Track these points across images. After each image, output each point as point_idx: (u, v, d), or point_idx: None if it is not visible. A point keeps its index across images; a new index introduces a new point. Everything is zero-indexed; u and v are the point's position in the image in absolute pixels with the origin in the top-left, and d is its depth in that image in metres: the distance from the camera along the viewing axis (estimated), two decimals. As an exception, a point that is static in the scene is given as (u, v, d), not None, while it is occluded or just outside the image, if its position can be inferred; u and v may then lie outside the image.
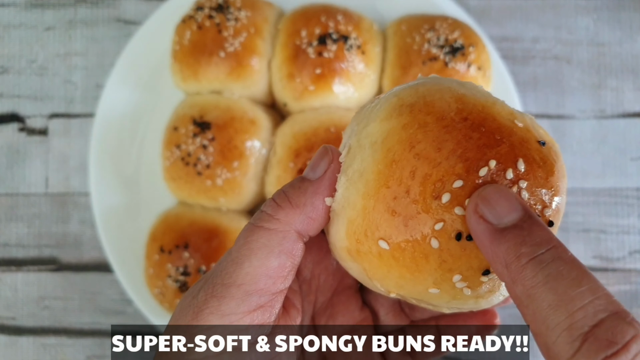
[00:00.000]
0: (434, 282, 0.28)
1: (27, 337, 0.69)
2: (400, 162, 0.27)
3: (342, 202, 0.29)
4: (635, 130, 0.72)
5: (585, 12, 0.73)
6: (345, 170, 0.29)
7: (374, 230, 0.27)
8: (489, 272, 0.27)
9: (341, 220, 0.29)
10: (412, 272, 0.27)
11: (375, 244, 0.27)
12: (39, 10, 0.73)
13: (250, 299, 0.28)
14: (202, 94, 0.62)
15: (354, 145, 0.29)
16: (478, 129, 0.27)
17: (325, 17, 0.60)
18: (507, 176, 0.26)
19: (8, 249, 0.70)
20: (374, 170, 0.27)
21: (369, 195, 0.27)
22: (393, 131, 0.27)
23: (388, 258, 0.27)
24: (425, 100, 0.28)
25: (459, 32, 0.60)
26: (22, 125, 0.72)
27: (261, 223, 0.30)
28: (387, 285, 0.29)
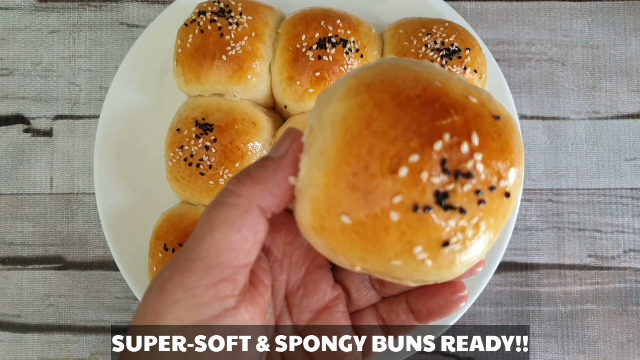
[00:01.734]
0: (395, 254, 0.28)
1: (32, 334, 0.70)
2: (359, 140, 0.27)
3: (306, 181, 0.29)
4: (629, 131, 0.73)
5: (580, 15, 0.74)
6: (308, 150, 0.30)
7: (335, 206, 0.28)
8: (448, 243, 0.28)
9: (305, 198, 0.29)
10: (373, 244, 0.28)
11: (337, 219, 0.28)
12: (43, 14, 0.75)
13: (213, 272, 0.29)
14: (204, 96, 0.63)
15: (315, 125, 0.30)
16: (432, 105, 0.28)
17: (325, 22, 0.61)
18: (462, 149, 0.28)
19: (14, 248, 0.71)
20: (334, 148, 0.28)
21: (330, 173, 0.28)
22: (351, 110, 0.28)
23: (350, 232, 0.28)
24: (381, 79, 0.29)
25: (455, 35, 0.61)
26: (27, 127, 0.73)
27: (223, 199, 0.31)
28: (351, 259, 0.30)
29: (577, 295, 0.70)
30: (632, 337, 0.69)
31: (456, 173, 0.28)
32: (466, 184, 0.28)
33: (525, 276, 0.70)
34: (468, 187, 0.28)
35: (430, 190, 0.27)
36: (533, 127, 0.72)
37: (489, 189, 0.28)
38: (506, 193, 0.29)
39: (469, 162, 0.28)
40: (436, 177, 0.27)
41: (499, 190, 0.29)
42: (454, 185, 0.28)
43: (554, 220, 0.71)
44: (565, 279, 0.70)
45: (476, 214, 0.28)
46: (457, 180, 0.28)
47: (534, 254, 0.70)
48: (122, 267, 0.64)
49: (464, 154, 0.28)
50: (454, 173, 0.28)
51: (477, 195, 0.28)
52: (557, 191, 0.72)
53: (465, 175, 0.28)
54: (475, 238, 0.29)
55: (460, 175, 0.28)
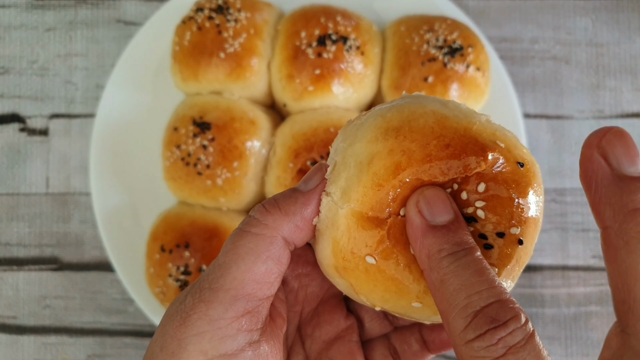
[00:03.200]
0: (417, 296, 0.29)
1: (29, 336, 0.69)
2: (385, 187, 0.28)
3: (326, 222, 0.30)
4: (634, 131, 0.72)
5: (584, 13, 0.74)
6: (329, 186, 0.30)
7: (360, 247, 0.29)
8: None
9: (326, 239, 0.30)
10: (397, 285, 0.29)
11: (362, 261, 0.29)
12: (39, 11, 0.74)
13: (238, 304, 0.29)
14: (202, 94, 0.62)
15: (339, 162, 0.30)
16: (459, 157, 0.28)
17: (325, 18, 0.60)
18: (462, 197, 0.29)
19: (9, 249, 0.70)
20: (358, 191, 0.28)
21: (354, 215, 0.28)
22: (379, 155, 0.29)
23: (374, 273, 0.29)
24: (410, 126, 0.29)
25: (457, 32, 0.60)
26: (22, 126, 0.72)
27: (249, 228, 0.30)
28: (373, 299, 0.30)
29: (581, 296, 0.69)
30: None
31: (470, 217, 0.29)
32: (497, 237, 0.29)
33: (528, 277, 0.69)
34: (500, 241, 0.29)
35: None
36: (537, 126, 0.71)
37: (497, 234, 0.29)
38: (519, 240, 0.29)
39: (469, 208, 0.29)
40: None
41: (510, 237, 0.29)
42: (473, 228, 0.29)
43: (557, 221, 0.70)
44: (569, 281, 0.69)
45: (495, 260, 0.29)
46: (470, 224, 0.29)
47: (537, 254, 0.69)
48: (118, 269, 0.63)
49: (463, 200, 0.29)
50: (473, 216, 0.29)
51: (480, 240, 0.29)
52: (561, 191, 0.71)
53: (467, 218, 0.29)
54: None
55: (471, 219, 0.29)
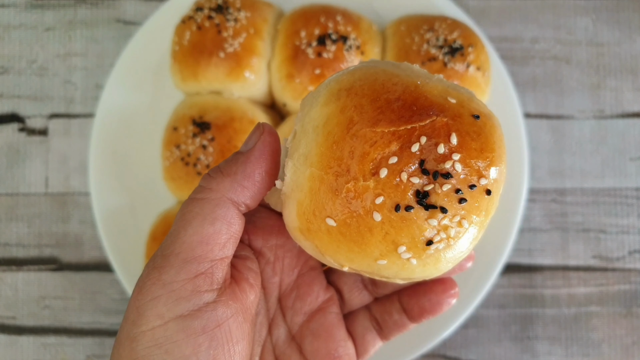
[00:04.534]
0: (380, 253, 0.29)
1: (28, 336, 0.69)
2: (340, 143, 0.29)
3: (291, 185, 0.30)
4: (635, 130, 0.72)
5: (584, 13, 0.73)
6: (292, 154, 0.30)
7: (321, 209, 0.29)
8: (432, 242, 0.29)
9: (292, 203, 0.30)
10: (359, 245, 0.29)
11: (323, 222, 0.29)
12: (39, 11, 0.74)
13: (189, 266, 0.29)
14: (201, 94, 0.62)
15: (299, 130, 0.31)
16: (410, 108, 0.29)
17: (325, 18, 0.60)
18: (439, 150, 0.28)
19: (8, 249, 0.70)
20: (317, 152, 0.29)
21: (314, 177, 0.29)
22: (332, 114, 0.29)
23: (336, 234, 0.29)
24: (361, 83, 0.29)
25: (458, 32, 0.60)
26: (22, 126, 0.72)
27: (195, 195, 0.31)
28: (339, 259, 0.30)
29: (581, 297, 0.69)
30: (637, 339, 0.68)
31: (435, 173, 0.28)
32: (445, 183, 0.29)
33: (529, 278, 0.69)
34: (447, 186, 0.29)
35: (411, 190, 0.28)
36: (537, 126, 0.71)
37: (469, 187, 0.29)
38: (487, 190, 0.30)
39: (447, 163, 0.29)
40: (416, 178, 0.28)
41: (480, 189, 0.29)
42: (433, 185, 0.28)
43: (558, 221, 0.70)
44: (570, 281, 0.69)
45: (458, 212, 0.29)
46: (437, 180, 0.29)
47: (538, 255, 0.69)
48: (118, 269, 0.63)
49: (441, 154, 0.28)
50: (432, 173, 0.28)
51: (457, 194, 0.29)
52: (562, 191, 0.71)
53: (444, 175, 0.29)
54: (459, 236, 0.30)
55: (439, 175, 0.28)
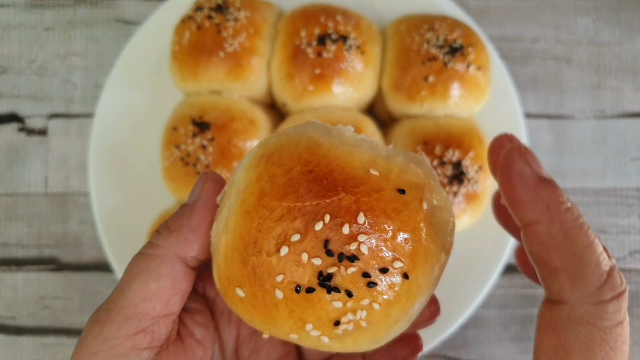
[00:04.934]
0: (290, 328, 0.28)
1: (27, 336, 0.69)
2: (251, 214, 0.27)
3: (214, 247, 0.30)
4: (635, 130, 0.72)
5: (585, 12, 0.73)
6: (217, 216, 0.30)
7: (232, 277, 0.28)
8: (339, 323, 0.28)
9: (214, 264, 0.30)
10: (269, 318, 0.28)
11: (234, 291, 0.28)
12: (38, 11, 0.73)
13: (130, 322, 0.29)
14: (201, 94, 0.62)
15: (227, 191, 0.30)
16: (320, 182, 0.27)
17: (325, 18, 0.60)
18: (344, 231, 0.26)
19: (8, 249, 0.70)
20: (233, 219, 0.28)
21: (229, 244, 0.28)
22: (250, 182, 0.28)
23: (247, 304, 0.28)
24: (280, 152, 0.28)
25: (458, 32, 0.60)
26: (21, 125, 0.72)
27: (143, 250, 0.31)
28: (259, 328, 0.30)
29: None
30: (638, 339, 0.68)
31: (340, 255, 0.27)
32: (351, 266, 0.27)
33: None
34: (353, 269, 0.27)
35: (313, 271, 0.27)
36: (538, 126, 0.71)
37: (380, 270, 0.27)
38: (404, 274, 0.27)
39: (352, 244, 0.26)
40: (317, 259, 0.27)
41: (393, 272, 0.27)
42: (336, 267, 0.27)
43: (558, 221, 0.70)
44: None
45: (366, 295, 0.27)
46: (342, 262, 0.27)
47: (538, 255, 0.69)
48: (117, 269, 0.63)
49: (346, 235, 0.26)
50: (337, 255, 0.27)
51: (364, 278, 0.27)
52: (562, 191, 0.70)
53: (349, 258, 0.27)
54: (372, 318, 0.28)
55: (344, 257, 0.27)
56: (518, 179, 0.27)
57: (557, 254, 0.26)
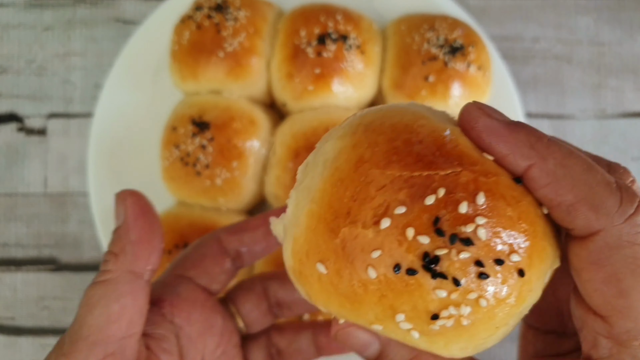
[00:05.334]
0: (375, 317, 0.25)
1: (27, 337, 0.69)
2: (345, 182, 0.24)
3: (290, 219, 0.27)
4: (636, 130, 0.71)
5: (586, 12, 0.73)
6: (297, 186, 0.27)
7: (314, 251, 0.25)
8: (437, 317, 0.24)
9: (289, 238, 0.27)
10: (351, 302, 0.25)
11: (314, 267, 0.25)
12: (37, 11, 0.73)
13: (97, 348, 0.29)
14: (201, 93, 0.62)
15: (311, 162, 0.27)
16: (432, 152, 0.24)
17: (325, 17, 0.59)
18: (460, 209, 0.23)
19: (7, 249, 0.70)
20: (320, 188, 0.25)
21: (313, 214, 0.25)
22: (344, 149, 0.25)
23: (327, 284, 0.25)
24: (382, 121, 0.26)
25: (458, 31, 0.60)
26: (20, 125, 0.72)
27: (96, 279, 0.31)
28: (332, 312, 0.26)
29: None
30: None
31: (452, 236, 0.23)
32: (464, 251, 0.23)
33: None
34: (466, 255, 0.23)
35: (417, 250, 0.23)
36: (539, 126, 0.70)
37: (495, 261, 0.24)
38: (519, 270, 0.24)
39: (468, 226, 0.23)
40: (425, 237, 0.23)
41: (509, 266, 0.24)
42: (447, 250, 0.23)
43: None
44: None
45: (475, 289, 0.24)
46: (454, 245, 0.23)
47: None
48: (117, 269, 0.63)
49: (462, 214, 0.23)
50: (449, 236, 0.23)
51: (477, 267, 0.24)
52: (563, 191, 0.70)
53: (464, 240, 0.23)
54: (475, 317, 0.24)
55: (457, 239, 0.23)
56: (490, 135, 0.25)
57: (566, 188, 0.24)
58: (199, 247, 0.37)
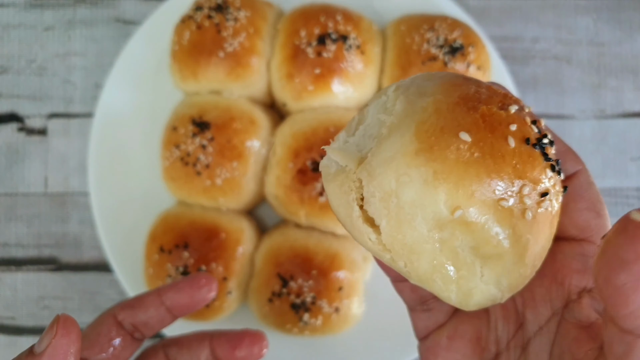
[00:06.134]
0: (505, 188, 0.26)
1: (27, 337, 0.69)
2: (463, 86, 0.28)
3: (403, 113, 0.27)
4: (636, 130, 0.71)
5: (585, 12, 0.73)
6: (402, 90, 0.29)
7: (453, 124, 0.26)
8: (546, 194, 0.27)
9: (406, 127, 0.26)
10: (488, 172, 0.26)
11: (455, 137, 0.25)
12: (38, 10, 0.73)
13: None
14: (201, 94, 0.62)
15: (402, 85, 0.29)
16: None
17: (325, 17, 0.60)
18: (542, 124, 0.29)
19: (7, 249, 0.70)
20: (438, 85, 0.28)
21: (439, 101, 0.27)
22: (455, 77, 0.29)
23: (466, 152, 0.25)
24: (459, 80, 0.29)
25: (458, 32, 0.60)
26: (21, 125, 0.72)
27: None
28: (457, 192, 0.25)
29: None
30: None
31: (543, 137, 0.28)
32: (549, 152, 0.28)
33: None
34: (548, 158, 0.28)
35: (535, 133, 0.27)
36: (538, 126, 0.71)
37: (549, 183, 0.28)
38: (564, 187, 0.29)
39: (545, 139, 0.28)
40: (535, 128, 0.28)
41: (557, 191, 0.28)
42: (547, 146, 0.28)
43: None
44: (571, 281, 0.69)
45: (556, 185, 0.28)
46: (545, 144, 0.28)
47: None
48: (117, 269, 0.63)
49: (544, 128, 0.29)
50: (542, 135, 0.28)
51: (558, 175, 0.28)
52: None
53: (548, 143, 0.28)
54: (549, 213, 0.27)
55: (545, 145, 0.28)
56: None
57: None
58: (95, 326, 0.38)
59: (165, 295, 0.39)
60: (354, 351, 0.62)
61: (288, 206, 0.59)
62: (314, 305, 0.57)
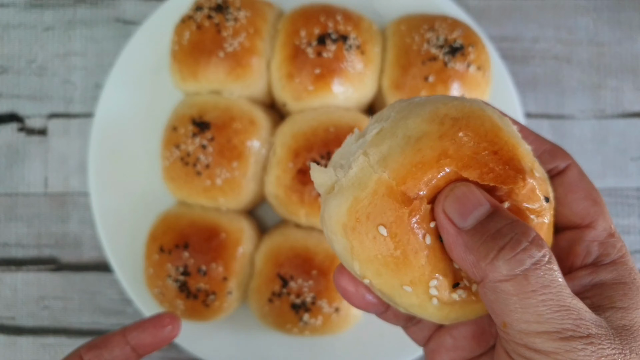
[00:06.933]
0: (411, 281, 0.29)
1: (27, 337, 0.69)
2: (425, 167, 0.28)
3: (353, 179, 0.30)
4: (635, 130, 0.72)
5: (585, 12, 0.73)
6: (368, 149, 0.30)
7: (378, 215, 0.28)
8: (458, 285, 0.29)
9: (346, 196, 0.29)
10: (397, 264, 0.29)
11: (374, 228, 0.29)
12: (38, 11, 0.73)
13: None
14: (201, 94, 0.62)
15: (387, 129, 0.30)
16: (503, 166, 0.29)
17: (325, 17, 0.59)
18: None
19: (7, 249, 0.70)
20: (399, 161, 0.29)
21: (383, 182, 0.29)
22: (430, 135, 0.29)
23: (381, 244, 0.29)
24: (467, 122, 0.29)
25: (458, 32, 0.60)
26: (21, 125, 0.72)
27: None
28: (365, 269, 0.30)
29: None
30: None
31: None
32: None
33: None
34: None
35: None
36: (538, 126, 0.71)
37: None
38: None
39: None
40: None
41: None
42: None
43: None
44: (570, 281, 0.69)
45: None
46: None
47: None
48: (117, 269, 0.63)
49: None
50: None
51: None
52: (562, 191, 0.70)
53: None
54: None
55: None
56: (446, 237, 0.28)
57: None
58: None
59: (130, 334, 0.40)
60: (354, 351, 0.62)
61: (288, 206, 0.59)
62: (314, 305, 0.57)
